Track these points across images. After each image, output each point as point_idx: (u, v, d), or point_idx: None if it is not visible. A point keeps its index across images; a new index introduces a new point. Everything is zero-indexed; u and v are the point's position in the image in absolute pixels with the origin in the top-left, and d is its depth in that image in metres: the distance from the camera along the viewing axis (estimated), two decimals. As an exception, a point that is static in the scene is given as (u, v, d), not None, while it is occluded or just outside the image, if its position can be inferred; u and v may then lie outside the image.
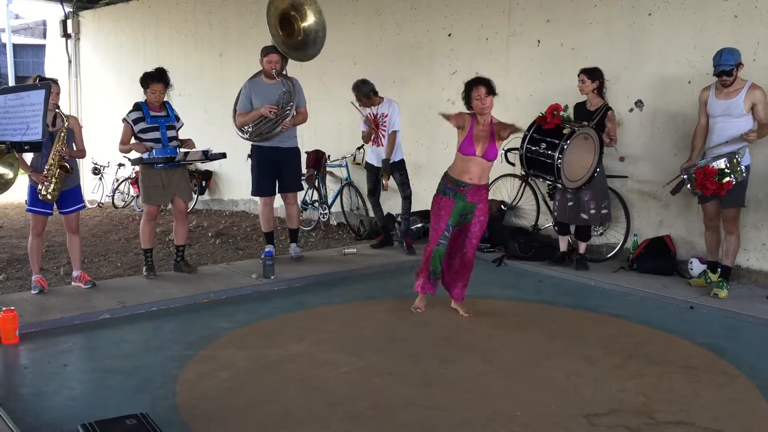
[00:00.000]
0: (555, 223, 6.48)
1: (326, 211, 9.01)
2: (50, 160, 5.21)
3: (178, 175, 5.97)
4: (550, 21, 7.08)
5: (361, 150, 8.84)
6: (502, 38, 7.51)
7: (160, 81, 5.78)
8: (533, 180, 7.17)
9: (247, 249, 8.00)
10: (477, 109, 4.78)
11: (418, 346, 4.46)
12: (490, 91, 4.77)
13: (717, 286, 5.44)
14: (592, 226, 6.36)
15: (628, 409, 3.53)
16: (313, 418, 3.42)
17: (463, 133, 4.80)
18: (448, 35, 7.98)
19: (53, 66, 14.94)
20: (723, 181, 5.17)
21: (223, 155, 6.08)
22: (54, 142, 5.23)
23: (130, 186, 11.96)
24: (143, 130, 5.78)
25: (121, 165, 12.13)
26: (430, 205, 5.02)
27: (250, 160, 6.61)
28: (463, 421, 3.40)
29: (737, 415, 3.50)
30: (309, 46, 6.50)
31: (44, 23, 21.38)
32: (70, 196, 5.48)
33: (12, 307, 4.52)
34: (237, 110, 6.42)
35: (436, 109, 8.00)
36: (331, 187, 9.29)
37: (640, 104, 6.47)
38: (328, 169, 9.26)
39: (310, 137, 9.10)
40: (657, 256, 6.19)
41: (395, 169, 6.97)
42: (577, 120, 6.10)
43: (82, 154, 5.60)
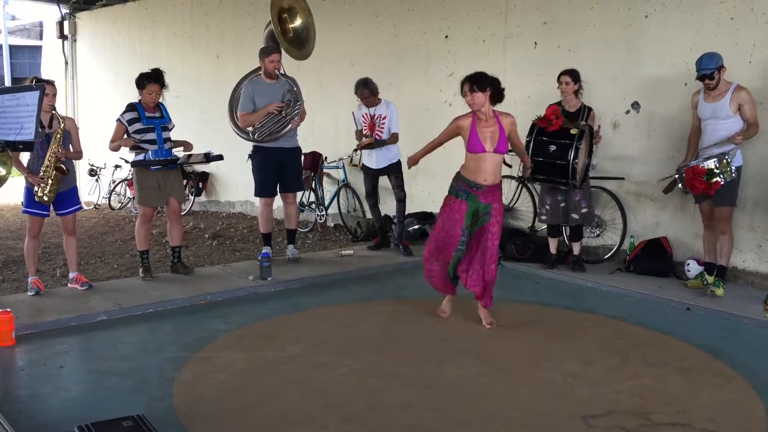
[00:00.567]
0: (550, 226, 6.48)
1: (323, 213, 9.01)
2: (46, 162, 5.21)
3: (173, 177, 5.97)
4: (546, 23, 7.09)
5: (358, 152, 8.84)
6: (498, 40, 7.52)
7: (156, 82, 5.78)
8: (530, 182, 7.18)
9: (244, 250, 7.99)
10: (473, 107, 4.67)
11: (416, 348, 4.46)
12: (477, 88, 4.61)
13: (714, 285, 5.48)
14: (584, 226, 6.38)
15: (625, 410, 3.53)
16: (310, 420, 3.42)
17: (466, 133, 4.69)
18: (445, 37, 7.99)
19: (50, 67, 14.92)
20: (711, 181, 5.23)
21: (220, 157, 6.08)
22: (50, 143, 5.22)
23: (127, 187, 11.93)
24: (139, 131, 5.78)
25: (117, 166, 12.11)
26: (441, 205, 4.91)
27: (250, 162, 6.59)
28: (461, 423, 3.40)
29: (733, 416, 3.51)
30: (303, 45, 6.53)
31: (41, 24, 21.35)
32: (66, 197, 5.47)
33: (8, 309, 4.51)
34: (239, 111, 6.37)
35: (433, 110, 8.04)
36: (328, 189, 9.29)
37: (636, 106, 6.49)
38: (324, 171, 9.26)
39: (307, 139, 9.07)
40: (654, 258, 6.20)
41: (391, 171, 6.97)
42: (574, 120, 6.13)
43: (78, 155, 5.59)
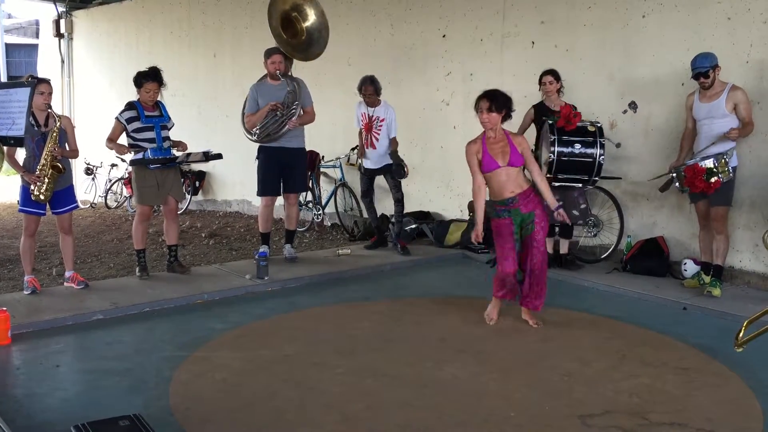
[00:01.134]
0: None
1: (320, 212, 9.00)
2: (42, 160, 5.19)
3: (172, 175, 5.96)
4: (544, 22, 7.09)
5: (355, 151, 8.84)
6: (496, 39, 7.52)
7: (154, 80, 5.77)
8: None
9: (241, 250, 7.98)
10: (484, 125, 4.63)
11: (413, 347, 4.46)
12: (495, 108, 4.56)
13: (710, 285, 5.49)
14: (580, 224, 6.40)
15: (622, 410, 3.53)
16: (307, 420, 3.42)
17: (480, 155, 4.67)
18: (443, 36, 7.99)
19: (46, 66, 14.87)
20: (711, 180, 5.26)
21: (219, 156, 6.08)
22: (46, 142, 5.21)
23: (123, 186, 11.91)
24: (137, 130, 5.76)
25: (113, 165, 12.09)
26: (493, 231, 4.87)
27: (250, 161, 6.59)
28: (458, 422, 3.40)
29: (730, 416, 3.51)
30: (313, 45, 6.49)
31: (37, 23, 21.29)
32: (63, 196, 5.46)
33: (4, 308, 4.50)
34: (246, 113, 6.44)
35: (431, 110, 8.05)
36: (325, 188, 9.29)
37: (633, 106, 6.49)
38: (322, 170, 9.26)
39: (304, 137, 9.09)
40: (650, 258, 6.21)
41: (388, 170, 6.97)
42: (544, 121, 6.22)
43: (74, 154, 5.58)
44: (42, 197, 5.23)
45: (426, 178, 8.12)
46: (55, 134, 5.22)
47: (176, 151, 5.94)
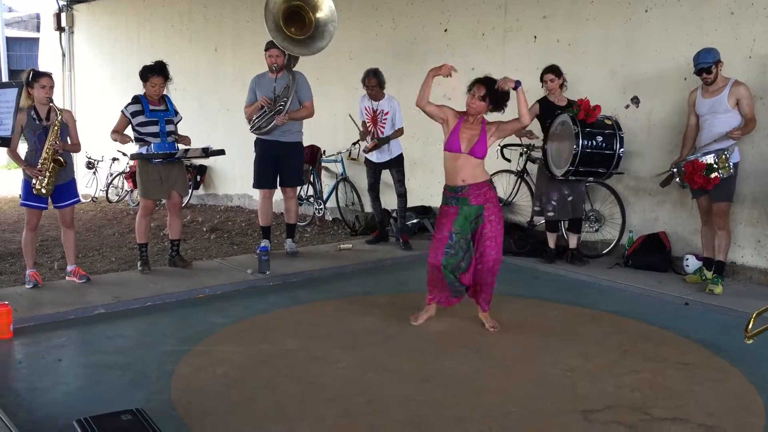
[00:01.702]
0: (549, 221, 6.46)
1: (321, 207, 8.99)
2: (44, 154, 5.19)
3: (176, 170, 5.95)
4: (546, 17, 7.07)
5: (357, 145, 8.82)
6: (498, 34, 7.50)
7: (160, 74, 5.76)
8: (529, 176, 7.17)
9: (242, 244, 7.98)
10: (469, 107, 4.53)
11: (414, 342, 4.46)
12: (490, 99, 4.46)
13: (712, 282, 5.47)
14: (582, 219, 6.40)
15: (624, 405, 3.53)
16: (308, 414, 3.42)
17: (449, 128, 4.58)
18: (444, 31, 7.97)
19: (47, 60, 14.87)
20: (710, 176, 5.26)
21: (221, 152, 6.08)
22: (48, 135, 5.20)
23: (125, 180, 11.90)
24: (141, 124, 5.76)
25: (115, 159, 12.08)
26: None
27: (246, 155, 6.61)
28: (459, 417, 3.40)
29: (732, 411, 3.51)
30: (316, 40, 6.40)
31: (38, 16, 21.27)
32: (64, 190, 5.45)
33: (6, 302, 4.50)
34: (245, 104, 6.52)
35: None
36: (327, 183, 9.28)
37: (636, 101, 6.48)
38: (323, 165, 9.25)
39: (305, 132, 9.06)
40: (652, 253, 6.21)
41: (393, 165, 6.96)
42: (549, 116, 6.21)
43: (76, 147, 5.57)
44: (43, 191, 5.23)
45: (427, 173, 8.10)
46: (56, 128, 5.22)
47: (181, 146, 5.94)
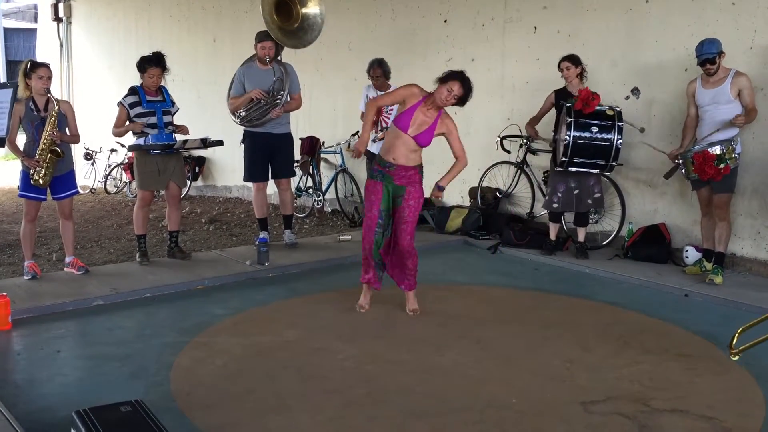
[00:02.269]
0: (555, 211, 6.41)
1: (320, 198, 8.98)
2: (41, 145, 5.16)
3: (174, 161, 5.93)
4: (546, 7, 7.04)
5: (356, 137, 8.80)
6: (498, 24, 7.47)
7: (157, 65, 5.73)
8: (528, 168, 7.16)
9: (241, 235, 7.96)
10: (439, 99, 4.44)
11: (414, 333, 4.46)
12: (463, 100, 4.46)
13: (712, 272, 5.47)
14: (589, 212, 6.35)
15: (624, 396, 3.53)
16: (308, 405, 3.41)
17: (404, 106, 4.52)
18: (444, 21, 7.93)
19: (44, 50, 14.80)
20: (721, 167, 5.23)
21: (220, 143, 6.06)
22: (44, 126, 5.18)
23: (123, 171, 11.88)
24: (139, 115, 5.73)
25: (113, 150, 12.04)
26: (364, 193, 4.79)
27: (243, 146, 6.57)
28: (459, 408, 3.39)
29: (732, 402, 3.50)
30: (306, 32, 6.42)
31: (35, 7, 21.16)
32: (63, 181, 5.43)
33: (4, 293, 4.49)
34: (230, 95, 6.39)
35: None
36: (326, 174, 9.26)
37: (636, 92, 6.45)
38: (322, 156, 9.23)
39: (305, 124, 9.06)
40: (652, 244, 6.19)
41: None
42: (564, 107, 6.12)
43: (75, 139, 5.55)
44: (41, 182, 5.21)
45: (426, 165, 8.03)
46: (53, 118, 5.18)
47: (178, 136, 5.92)
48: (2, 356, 4.09)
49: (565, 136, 5.87)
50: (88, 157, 12.56)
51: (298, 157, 8.12)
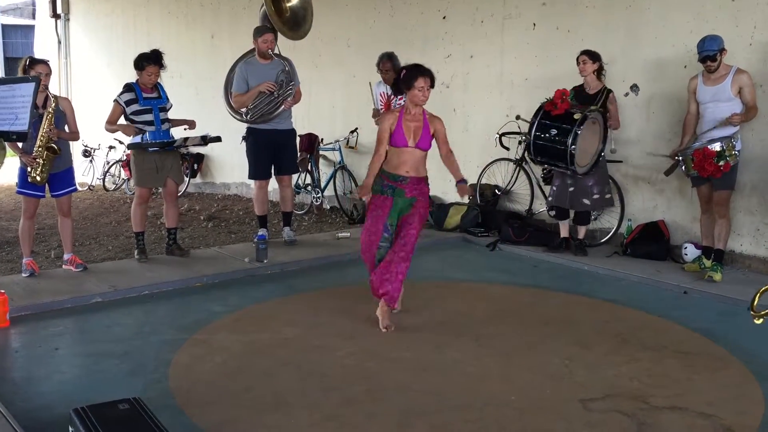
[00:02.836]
0: (550, 207, 6.42)
1: (319, 195, 8.97)
2: (38, 142, 5.14)
3: (171, 158, 5.93)
4: (545, 4, 7.02)
5: (355, 133, 8.79)
6: (497, 21, 7.45)
7: (156, 63, 5.72)
8: (528, 165, 7.14)
9: (240, 232, 7.96)
10: (415, 100, 4.39)
11: (413, 331, 4.45)
12: (432, 84, 4.45)
13: (711, 270, 5.47)
14: (591, 211, 6.33)
15: (623, 393, 3.53)
16: (307, 402, 3.41)
17: (393, 128, 4.47)
18: (443, 18, 7.91)
19: (42, 47, 14.77)
20: (720, 164, 5.21)
21: (218, 139, 6.04)
22: (42, 123, 5.16)
23: (121, 169, 11.86)
24: (136, 113, 5.72)
25: (111, 147, 12.02)
26: (368, 209, 4.65)
27: (244, 143, 6.54)
28: (458, 406, 3.39)
29: (731, 399, 3.50)
30: (300, 24, 6.46)
31: (33, 3, 21.12)
32: (61, 178, 5.42)
33: (2, 290, 4.49)
34: (233, 92, 6.34)
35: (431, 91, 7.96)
36: (324, 171, 9.24)
37: (635, 88, 6.44)
38: (321, 153, 9.21)
39: (303, 121, 9.03)
40: (651, 241, 6.19)
41: None
42: (579, 104, 6.05)
43: (74, 136, 5.53)
44: (38, 179, 5.19)
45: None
46: (50, 115, 5.16)
47: (185, 129, 5.91)
48: (0, 354, 4.09)
49: (527, 135, 5.91)
50: (87, 154, 12.54)
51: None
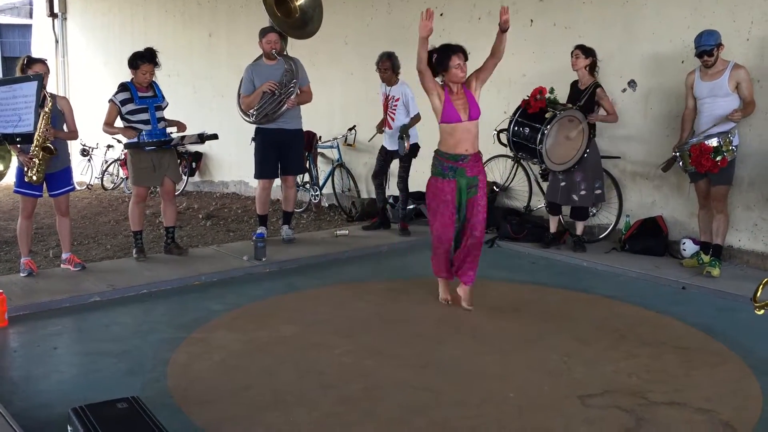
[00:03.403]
0: (547, 203, 6.44)
1: (317, 193, 8.96)
2: (34, 141, 5.12)
3: (168, 157, 5.92)
4: (543, 0, 7.01)
5: (353, 131, 8.78)
6: (494, 18, 7.35)
7: (150, 62, 5.71)
8: (526, 161, 7.14)
9: (238, 231, 7.95)
10: (455, 79, 4.52)
11: (411, 328, 4.45)
12: (467, 56, 4.56)
13: (709, 265, 5.47)
14: (588, 206, 6.33)
15: (621, 389, 3.53)
16: (305, 400, 3.41)
17: (440, 104, 4.55)
18: (440, 15, 7.89)
19: (40, 46, 14.74)
20: (717, 159, 5.21)
21: (215, 136, 6.04)
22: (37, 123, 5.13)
23: (120, 167, 11.85)
24: (131, 112, 5.71)
25: (110, 146, 12.01)
26: (426, 191, 4.74)
27: (253, 144, 6.54)
28: (456, 403, 3.39)
29: (729, 395, 3.51)
30: (308, 23, 6.44)
31: (30, 2, 21.03)
32: (59, 178, 5.41)
33: (0, 290, 4.48)
34: (241, 94, 6.37)
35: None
36: (322, 169, 9.23)
37: (633, 84, 6.41)
38: (319, 151, 9.20)
39: (301, 118, 9.01)
40: (649, 237, 6.19)
41: (405, 153, 6.90)
42: (569, 100, 6.06)
43: (73, 135, 5.52)
44: (35, 178, 5.17)
45: (423, 159, 8.01)
46: (47, 115, 5.14)
47: (175, 131, 5.90)
48: (-1, 353, 4.09)
49: (507, 132, 6.03)
50: (85, 153, 12.53)
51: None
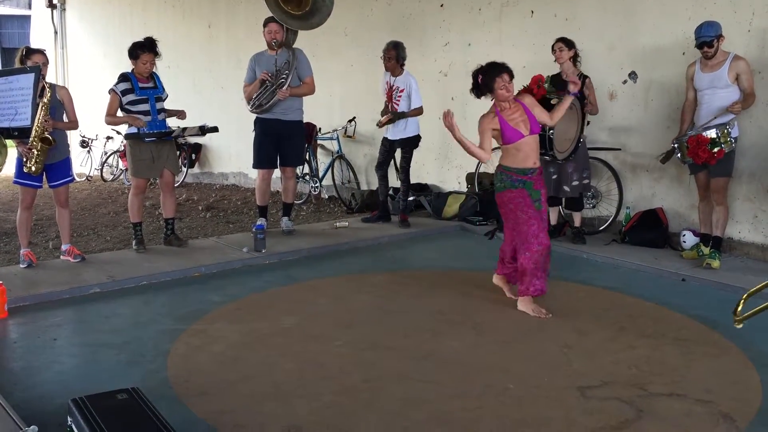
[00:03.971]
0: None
1: (317, 185, 8.96)
2: (33, 132, 5.11)
3: (167, 148, 5.92)
4: (543, -9, 6.99)
5: (353, 123, 8.77)
6: (495, 9, 7.42)
7: (150, 51, 5.69)
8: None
9: (238, 222, 7.95)
10: (501, 98, 4.44)
11: (411, 320, 4.45)
12: (512, 75, 4.44)
13: (709, 257, 5.47)
14: (584, 196, 6.33)
15: (621, 381, 3.53)
16: (305, 392, 3.41)
17: (498, 131, 4.46)
18: (441, 6, 7.88)
19: (39, 37, 14.71)
20: (714, 151, 5.21)
21: (215, 129, 6.03)
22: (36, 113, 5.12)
23: (119, 159, 11.84)
24: (132, 102, 5.70)
25: (109, 138, 12.00)
26: (500, 207, 4.66)
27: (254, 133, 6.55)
28: (456, 394, 3.40)
29: (729, 386, 3.50)
30: (314, 14, 6.39)
31: (29, -7, 20.99)
32: (58, 169, 5.40)
33: (0, 281, 4.48)
34: (244, 84, 6.41)
35: (429, 81, 7.95)
36: (322, 160, 9.23)
37: (633, 76, 6.42)
38: (318, 142, 9.19)
39: (302, 110, 9.00)
40: (649, 229, 6.19)
41: (404, 144, 6.90)
42: (559, 91, 6.05)
43: (73, 125, 5.52)
44: (33, 169, 5.16)
45: (424, 150, 8.05)
46: (45, 105, 5.12)
47: (177, 120, 5.89)
48: (-1, 345, 4.09)
49: None
50: (84, 144, 12.52)
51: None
